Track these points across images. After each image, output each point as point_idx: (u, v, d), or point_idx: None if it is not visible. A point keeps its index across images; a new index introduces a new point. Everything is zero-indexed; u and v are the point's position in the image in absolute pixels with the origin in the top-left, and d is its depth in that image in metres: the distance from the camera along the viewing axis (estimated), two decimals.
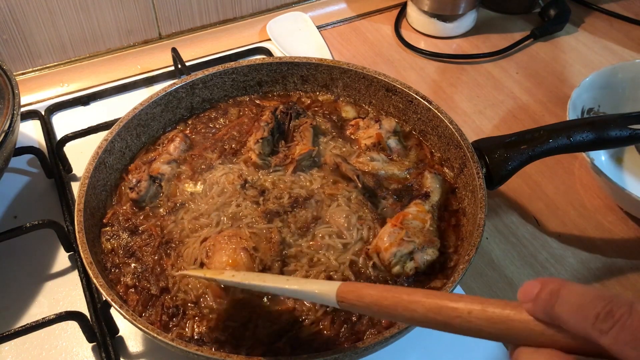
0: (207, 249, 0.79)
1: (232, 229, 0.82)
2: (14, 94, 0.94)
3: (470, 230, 0.81)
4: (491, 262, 0.96)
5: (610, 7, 1.49)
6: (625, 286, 0.93)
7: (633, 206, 0.99)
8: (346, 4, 1.49)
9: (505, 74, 1.31)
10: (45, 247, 0.95)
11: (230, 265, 0.76)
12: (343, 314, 0.75)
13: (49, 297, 0.90)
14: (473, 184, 0.84)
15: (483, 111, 1.23)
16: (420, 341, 0.84)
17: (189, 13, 1.33)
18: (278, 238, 0.81)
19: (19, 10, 1.16)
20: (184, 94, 1.00)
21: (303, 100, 1.06)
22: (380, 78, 1.00)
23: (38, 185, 1.05)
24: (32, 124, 1.17)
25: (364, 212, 0.85)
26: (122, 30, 1.28)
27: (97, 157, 0.87)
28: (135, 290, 0.78)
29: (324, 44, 1.36)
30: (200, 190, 0.89)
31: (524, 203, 1.05)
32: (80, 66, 1.28)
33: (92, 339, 0.84)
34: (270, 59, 1.04)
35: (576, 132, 0.86)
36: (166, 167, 0.91)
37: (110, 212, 0.88)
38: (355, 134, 0.99)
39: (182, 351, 0.67)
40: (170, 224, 0.85)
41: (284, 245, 0.81)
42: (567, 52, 1.37)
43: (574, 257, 0.97)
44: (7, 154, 0.92)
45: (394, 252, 0.78)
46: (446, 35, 1.40)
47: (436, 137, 0.96)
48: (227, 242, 0.79)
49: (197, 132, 1.00)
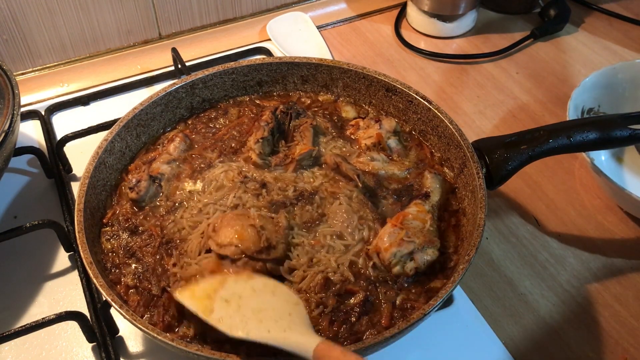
0: (214, 224, 0.79)
1: (239, 209, 0.83)
2: (14, 94, 0.94)
3: (470, 230, 0.81)
4: (491, 262, 0.96)
5: (610, 7, 1.49)
6: (625, 286, 0.93)
7: (633, 206, 0.99)
8: (346, 4, 1.49)
9: (505, 74, 1.31)
10: (45, 247, 0.95)
11: (236, 239, 0.76)
12: (342, 315, 0.75)
13: (49, 297, 0.90)
14: (473, 184, 0.84)
15: (483, 111, 1.23)
16: (420, 341, 0.84)
17: (189, 13, 1.33)
18: (285, 223, 0.81)
19: (19, 10, 1.16)
20: (184, 94, 1.00)
21: (303, 100, 1.06)
22: (380, 78, 1.00)
23: (38, 185, 1.05)
24: (32, 124, 1.17)
25: (365, 212, 0.85)
26: (122, 30, 1.28)
27: (97, 157, 0.87)
28: (136, 290, 0.78)
29: (324, 44, 1.36)
30: (200, 188, 0.89)
31: (524, 203, 1.05)
32: (80, 66, 1.28)
33: (92, 339, 0.84)
34: (270, 59, 1.04)
35: (576, 132, 0.86)
36: (166, 167, 0.91)
37: (110, 212, 0.88)
38: (355, 134, 0.99)
39: (182, 351, 0.68)
40: (170, 223, 0.85)
41: (290, 231, 0.81)
42: (567, 52, 1.37)
43: (574, 257, 0.97)
44: (7, 154, 0.92)
45: (394, 252, 0.78)
46: (446, 35, 1.40)
47: (436, 137, 0.96)
48: (235, 219, 0.79)
49: (197, 132, 1.00)
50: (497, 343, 0.85)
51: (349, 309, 0.76)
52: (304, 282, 0.77)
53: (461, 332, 0.86)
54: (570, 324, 0.88)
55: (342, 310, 0.75)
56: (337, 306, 0.76)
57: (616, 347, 0.86)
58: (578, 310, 0.90)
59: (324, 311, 0.75)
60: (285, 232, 0.81)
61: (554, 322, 0.88)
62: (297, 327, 0.68)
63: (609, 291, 0.92)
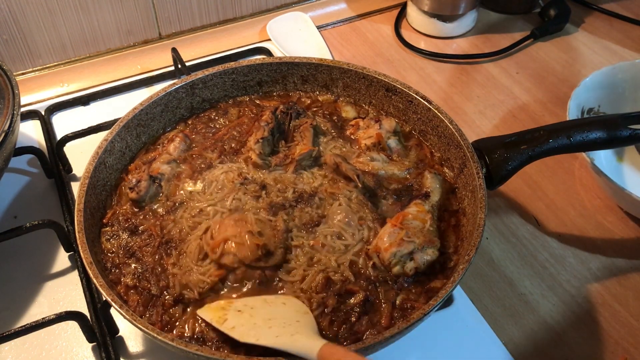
0: (212, 231, 0.80)
1: (238, 213, 0.83)
2: (14, 94, 0.94)
3: (470, 230, 0.81)
4: (491, 262, 0.96)
5: (610, 7, 1.49)
6: (625, 286, 0.93)
7: (633, 206, 0.99)
8: (346, 4, 1.49)
9: (505, 74, 1.31)
10: (45, 247, 0.95)
11: (234, 247, 0.78)
12: (342, 315, 0.75)
13: (49, 297, 0.90)
14: (473, 184, 0.84)
15: (483, 111, 1.23)
16: (420, 341, 0.84)
17: (189, 13, 1.33)
18: (283, 227, 0.81)
19: (19, 10, 1.16)
20: (184, 94, 1.00)
21: (303, 100, 1.06)
22: (380, 78, 1.00)
23: (38, 185, 1.05)
24: (32, 124, 1.17)
25: (365, 213, 0.85)
26: (122, 30, 1.28)
27: (97, 157, 0.87)
28: (136, 290, 0.78)
29: (324, 44, 1.36)
30: (200, 188, 0.89)
31: (524, 203, 1.05)
32: (80, 66, 1.28)
33: (92, 339, 0.84)
34: (270, 59, 1.04)
35: (576, 132, 0.86)
36: (166, 167, 0.91)
37: (110, 212, 0.88)
38: (355, 134, 0.99)
39: (182, 351, 0.68)
40: (169, 223, 0.85)
41: (288, 233, 0.81)
42: (567, 52, 1.37)
43: (574, 257, 0.97)
44: (7, 154, 0.92)
45: (393, 252, 0.78)
46: (446, 35, 1.40)
47: (436, 137, 0.96)
48: (232, 225, 0.80)
49: (197, 132, 1.00)
50: (497, 343, 0.85)
51: (349, 308, 0.76)
52: (305, 282, 0.77)
53: (461, 332, 0.86)
54: (570, 324, 0.88)
55: (342, 310, 0.76)
56: (337, 306, 0.76)
57: (616, 347, 0.86)
58: (578, 310, 0.90)
59: (325, 311, 0.75)
60: (284, 235, 0.81)
61: (554, 322, 0.88)
62: (304, 332, 0.70)
63: (609, 291, 0.92)
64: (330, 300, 0.75)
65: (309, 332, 0.70)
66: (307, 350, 0.65)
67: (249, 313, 0.73)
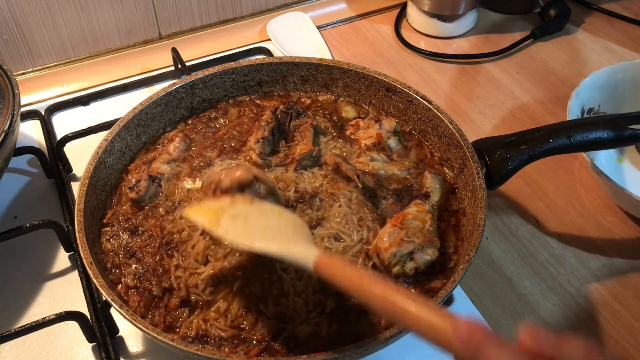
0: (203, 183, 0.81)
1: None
2: (14, 94, 0.94)
3: (470, 230, 0.81)
4: (491, 262, 0.96)
5: (610, 7, 1.49)
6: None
7: (633, 206, 0.99)
8: (346, 4, 1.49)
9: (505, 74, 1.31)
10: (45, 247, 0.95)
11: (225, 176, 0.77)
12: (342, 315, 0.75)
13: (49, 297, 0.90)
14: (473, 184, 0.84)
15: (483, 111, 1.23)
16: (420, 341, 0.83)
17: (189, 13, 1.33)
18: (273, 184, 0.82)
19: (19, 10, 1.16)
20: (184, 94, 1.00)
21: (303, 100, 1.06)
22: (380, 78, 1.00)
23: (38, 185, 1.05)
24: (32, 124, 1.17)
25: (365, 213, 0.85)
26: (122, 30, 1.28)
27: (97, 157, 0.87)
28: (137, 291, 0.78)
29: (324, 44, 1.36)
30: (198, 186, 0.89)
31: (524, 203, 1.05)
32: (80, 66, 1.28)
33: (92, 339, 0.84)
34: (270, 59, 1.04)
35: (576, 132, 0.86)
36: (166, 166, 0.91)
37: (110, 212, 0.87)
38: (355, 134, 0.99)
39: (182, 351, 0.67)
40: (169, 223, 0.85)
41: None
42: (567, 52, 1.37)
43: (574, 257, 0.97)
44: (7, 154, 0.92)
45: (393, 252, 0.78)
46: (446, 35, 1.40)
47: (436, 137, 0.96)
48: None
49: (197, 132, 0.99)
50: None
51: (348, 309, 0.76)
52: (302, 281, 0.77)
53: None
54: (570, 324, 0.88)
55: (342, 311, 0.75)
56: (336, 306, 0.75)
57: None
58: (578, 310, 0.90)
59: (324, 311, 0.75)
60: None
61: (554, 322, 0.89)
62: (300, 241, 0.69)
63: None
64: (329, 301, 0.75)
65: (304, 241, 0.69)
66: (302, 258, 0.64)
67: (243, 220, 0.71)
